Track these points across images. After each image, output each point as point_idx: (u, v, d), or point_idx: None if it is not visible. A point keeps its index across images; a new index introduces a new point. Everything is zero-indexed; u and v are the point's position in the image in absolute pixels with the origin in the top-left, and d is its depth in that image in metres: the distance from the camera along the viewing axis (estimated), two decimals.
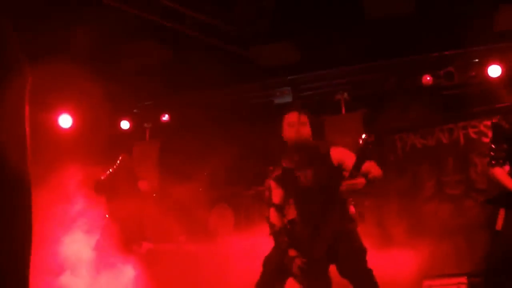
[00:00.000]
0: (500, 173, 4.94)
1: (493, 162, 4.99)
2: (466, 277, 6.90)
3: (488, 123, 8.45)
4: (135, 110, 10.87)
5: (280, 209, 4.87)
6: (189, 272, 7.55)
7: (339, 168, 4.56)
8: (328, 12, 8.40)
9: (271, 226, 4.81)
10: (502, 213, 4.89)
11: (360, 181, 4.37)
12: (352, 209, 4.74)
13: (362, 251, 4.55)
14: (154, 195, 9.26)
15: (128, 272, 7.20)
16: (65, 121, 10.33)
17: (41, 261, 7.16)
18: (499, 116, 5.14)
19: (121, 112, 10.64)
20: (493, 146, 5.04)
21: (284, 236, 4.67)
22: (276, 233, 4.74)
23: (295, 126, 4.66)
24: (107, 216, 7.35)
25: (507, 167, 4.98)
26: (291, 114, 4.76)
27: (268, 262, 4.77)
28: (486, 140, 8.35)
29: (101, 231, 7.32)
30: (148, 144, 10.82)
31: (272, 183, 4.95)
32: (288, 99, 9.84)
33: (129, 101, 10.46)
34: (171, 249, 8.01)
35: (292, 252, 4.57)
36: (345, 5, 8.16)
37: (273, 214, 4.84)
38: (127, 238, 7.19)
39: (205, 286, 7.23)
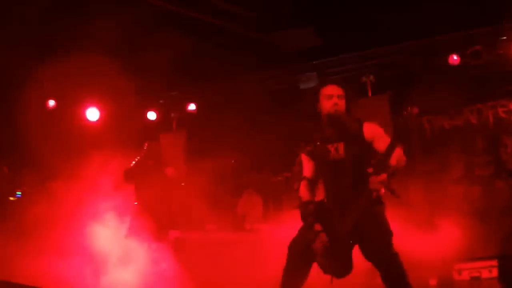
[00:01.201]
0: None
1: None
2: (496, 260, 6.80)
3: None
4: (161, 101, 10.94)
5: (311, 183, 4.84)
6: (218, 259, 7.59)
7: (370, 144, 4.53)
8: None
9: (300, 198, 4.79)
10: None
11: (383, 178, 4.31)
12: (382, 190, 4.60)
13: (388, 234, 4.47)
14: (182, 184, 9.32)
15: (157, 260, 7.27)
16: (92, 114, 10.47)
17: (73, 250, 7.29)
18: None
19: (147, 103, 10.73)
20: None
21: (312, 211, 4.65)
22: (303, 206, 4.71)
23: (333, 98, 4.66)
24: (135, 203, 7.41)
25: None
26: (329, 87, 4.75)
27: (294, 245, 4.72)
28: None
29: (130, 220, 7.40)
30: (175, 133, 10.90)
31: (304, 157, 4.92)
32: (313, 83, 9.77)
33: (155, 92, 10.53)
34: (199, 237, 8.05)
35: (317, 227, 4.54)
36: None
37: (303, 188, 4.81)
38: (155, 227, 7.24)
39: (233, 273, 7.25)
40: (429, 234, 6.95)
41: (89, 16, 8.25)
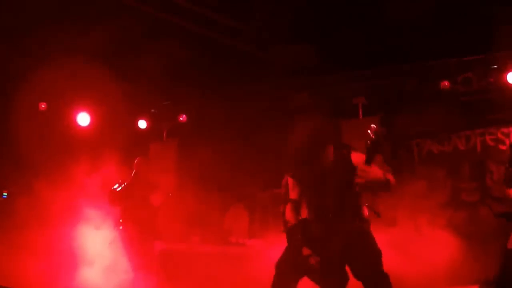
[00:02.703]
0: None
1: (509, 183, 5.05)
2: (478, 285, 6.85)
3: (506, 130, 8.39)
4: (152, 110, 10.95)
5: (297, 205, 4.87)
6: (202, 272, 7.58)
7: (356, 169, 4.60)
8: (347, 15, 8.41)
9: (285, 223, 4.81)
10: None
11: (374, 170, 4.38)
12: (365, 210, 4.71)
13: (377, 254, 4.52)
14: (170, 194, 9.30)
15: (141, 270, 7.25)
16: (83, 119, 10.45)
17: (58, 251, 7.26)
18: None
19: (138, 112, 10.73)
20: (507, 166, 5.08)
21: (298, 234, 4.67)
22: (290, 230, 4.73)
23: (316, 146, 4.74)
24: (120, 221, 7.40)
25: None
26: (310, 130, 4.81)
27: (280, 264, 4.74)
28: (503, 147, 8.30)
29: (116, 229, 7.37)
30: (165, 143, 10.89)
31: (290, 180, 4.96)
32: (305, 101, 9.82)
33: (146, 100, 10.53)
34: (185, 249, 8.04)
35: (306, 251, 4.56)
36: (364, 9, 8.16)
37: (288, 211, 4.83)
38: (140, 237, 7.22)
39: (217, 286, 7.25)
40: (414, 256, 6.99)
41: (82, 22, 8.29)
